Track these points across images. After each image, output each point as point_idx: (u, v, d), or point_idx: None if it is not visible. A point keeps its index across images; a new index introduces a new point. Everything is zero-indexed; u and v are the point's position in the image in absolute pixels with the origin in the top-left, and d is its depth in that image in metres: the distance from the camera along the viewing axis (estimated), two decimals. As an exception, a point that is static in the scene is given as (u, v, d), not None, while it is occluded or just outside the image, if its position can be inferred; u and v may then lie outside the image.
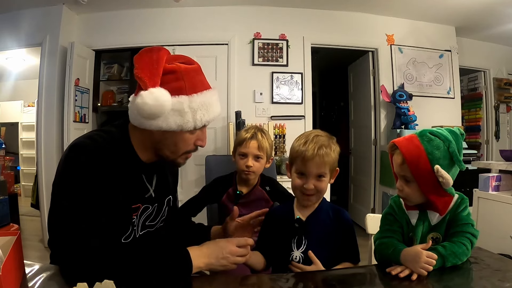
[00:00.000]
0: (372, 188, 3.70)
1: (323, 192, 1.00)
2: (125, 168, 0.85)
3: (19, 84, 5.48)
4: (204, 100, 0.84)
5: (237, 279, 0.85)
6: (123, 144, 0.88)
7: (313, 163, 0.95)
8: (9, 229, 2.39)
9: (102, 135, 0.86)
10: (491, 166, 2.35)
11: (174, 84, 0.81)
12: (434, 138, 0.88)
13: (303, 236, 1.00)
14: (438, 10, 3.36)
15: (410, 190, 0.90)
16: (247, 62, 3.36)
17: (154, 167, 0.94)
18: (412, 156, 0.87)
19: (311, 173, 0.96)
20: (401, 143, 0.91)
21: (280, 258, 1.01)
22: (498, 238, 1.96)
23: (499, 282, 0.77)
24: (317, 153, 0.95)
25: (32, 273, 0.78)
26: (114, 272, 0.69)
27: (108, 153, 0.82)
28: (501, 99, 4.12)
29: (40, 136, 3.16)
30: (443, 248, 0.85)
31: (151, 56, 0.80)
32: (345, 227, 1.01)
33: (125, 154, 0.86)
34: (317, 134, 1.01)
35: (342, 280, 0.83)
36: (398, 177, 0.94)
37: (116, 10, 3.37)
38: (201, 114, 0.83)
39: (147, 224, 0.94)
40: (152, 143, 0.88)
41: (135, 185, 0.89)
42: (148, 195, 0.93)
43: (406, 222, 0.97)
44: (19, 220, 3.10)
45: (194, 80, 0.84)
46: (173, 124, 0.82)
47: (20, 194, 5.29)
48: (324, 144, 0.97)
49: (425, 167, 0.86)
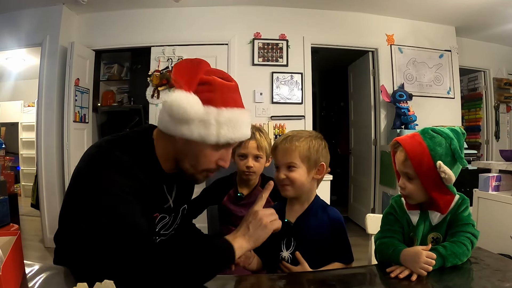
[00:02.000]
0: (372, 188, 3.70)
1: (300, 185, 0.99)
2: (147, 177, 0.83)
3: (19, 84, 5.48)
4: (233, 117, 0.81)
5: (237, 279, 0.85)
6: (147, 153, 0.86)
7: (279, 152, 0.99)
8: (9, 229, 2.39)
9: (126, 141, 0.85)
10: (491, 166, 2.35)
11: (206, 94, 0.80)
12: (436, 135, 0.90)
13: (292, 237, 1.00)
14: (438, 10, 3.36)
15: (412, 188, 0.91)
16: (247, 62, 3.36)
17: (175, 177, 0.92)
18: (415, 152, 0.88)
19: (279, 162, 0.99)
20: (404, 140, 0.92)
21: (270, 257, 1.02)
22: (498, 238, 1.96)
23: (499, 282, 0.77)
24: (282, 142, 0.99)
25: (32, 273, 0.78)
26: (162, 274, 0.69)
27: (132, 160, 0.80)
28: (501, 99, 4.12)
29: (40, 136, 3.16)
30: (444, 248, 0.85)
31: (192, 64, 0.82)
32: (335, 228, 1.00)
33: (148, 163, 0.84)
34: (298, 131, 1.04)
35: (342, 280, 0.83)
36: (400, 174, 0.94)
37: (116, 10, 3.37)
38: (226, 129, 0.80)
39: (161, 232, 0.93)
40: (174, 152, 0.86)
41: (156, 195, 0.88)
42: (167, 205, 0.92)
43: (407, 222, 0.97)
44: (19, 220, 3.10)
45: (227, 96, 0.82)
46: (196, 134, 0.79)
47: (20, 194, 5.29)
48: (295, 136, 0.99)
49: (427, 163, 0.87)
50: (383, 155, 3.48)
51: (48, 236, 3.09)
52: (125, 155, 0.79)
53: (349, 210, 4.34)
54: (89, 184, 0.76)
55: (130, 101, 3.73)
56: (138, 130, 0.92)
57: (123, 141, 0.85)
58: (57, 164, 3.15)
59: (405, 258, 0.83)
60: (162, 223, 0.92)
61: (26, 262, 0.79)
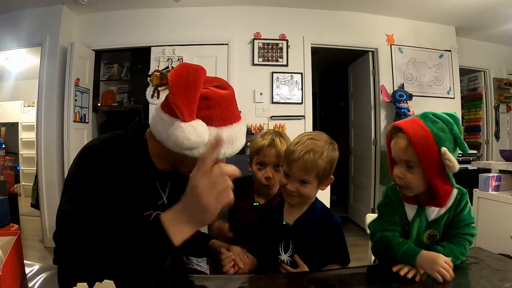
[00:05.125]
0: (372, 188, 3.70)
1: (307, 197, 0.98)
2: (139, 175, 0.83)
3: (19, 84, 5.48)
4: (232, 134, 0.81)
5: (237, 279, 0.85)
6: (139, 150, 0.86)
7: (297, 166, 0.92)
8: (9, 229, 2.38)
9: (117, 139, 0.85)
10: (491, 166, 2.35)
11: (205, 112, 0.78)
12: (438, 120, 0.84)
13: (290, 240, 0.99)
14: (438, 10, 3.36)
15: (412, 177, 0.85)
16: (247, 62, 3.36)
17: (169, 174, 0.92)
18: (419, 138, 0.81)
19: (294, 175, 0.94)
20: (405, 125, 0.84)
21: (268, 260, 1.01)
22: (498, 238, 1.96)
23: (499, 282, 0.77)
24: (302, 157, 0.91)
25: (32, 273, 0.78)
26: (108, 269, 0.64)
27: (122, 158, 0.81)
28: (501, 99, 4.12)
29: (40, 136, 3.16)
30: (442, 248, 0.85)
31: (188, 78, 0.75)
32: (332, 230, 0.99)
33: (140, 161, 0.85)
34: (313, 137, 0.96)
35: (342, 280, 0.83)
36: (398, 162, 0.88)
37: (116, 10, 3.37)
38: (225, 148, 0.81)
39: None
40: (171, 159, 0.86)
41: (148, 192, 0.88)
42: (161, 202, 0.92)
43: (404, 213, 0.93)
44: (19, 220, 3.10)
45: (226, 112, 0.81)
46: (196, 154, 0.79)
47: (20, 194, 5.29)
48: (314, 149, 0.92)
49: (432, 149, 0.81)
50: (383, 155, 3.48)
51: (48, 236, 3.09)
52: (115, 153, 0.80)
53: (349, 210, 4.34)
54: (73, 182, 0.77)
55: (130, 101, 3.73)
56: (131, 129, 0.92)
57: (114, 140, 0.85)
58: (57, 164, 3.16)
59: (423, 260, 0.80)
60: None
61: (26, 262, 0.80)
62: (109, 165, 0.78)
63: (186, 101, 0.74)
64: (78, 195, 0.75)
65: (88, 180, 0.76)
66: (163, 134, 0.80)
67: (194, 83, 0.75)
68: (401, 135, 0.85)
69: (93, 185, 0.75)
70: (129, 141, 0.86)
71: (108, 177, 0.77)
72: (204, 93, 0.78)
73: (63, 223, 0.75)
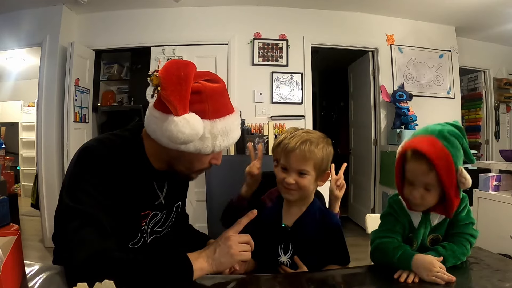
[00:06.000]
0: (372, 188, 3.70)
1: (306, 191, 0.97)
2: (136, 175, 0.84)
3: (19, 84, 5.48)
4: (226, 126, 0.82)
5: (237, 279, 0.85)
6: (136, 150, 0.87)
7: (294, 155, 0.93)
8: (9, 229, 2.38)
9: (115, 139, 0.85)
10: (491, 166, 2.35)
11: (198, 106, 0.78)
12: (453, 139, 0.83)
13: (290, 242, 0.99)
14: (438, 10, 3.36)
15: (432, 199, 0.84)
16: (247, 62, 3.36)
17: (166, 174, 0.92)
18: (443, 162, 0.80)
19: (292, 166, 0.94)
20: (427, 149, 0.81)
21: (267, 262, 1.00)
22: (498, 238, 1.96)
23: (499, 282, 0.77)
24: (299, 147, 0.93)
25: (32, 273, 0.78)
26: (114, 274, 0.68)
27: (119, 158, 0.81)
28: (501, 99, 4.12)
29: (40, 136, 3.16)
30: (443, 249, 0.85)
31: (179, 74, 0.76)
32: (332, 231, 0.99)
33: (137, 161, 0.85)
34: (307, 131, 0.99)
35: (342, 280, 0.83)
36: (414, 185, 0.85)
37: (116, 10, 3.37)
38: (221, 140, 0.81)
39: (155, 230, 0.94)
40: (167, 157, 0.87)
41: (146, 192, 0.89)
42: (158, 202, 0.93)
43: (408, 223, 0.93)
44: (19, 220, 3.10)
45: (218, 104, 0.82)
46: (191, 148, 0.79)
47: (20, 194, 5.29)
48: (310, 140, 0.94)
49: (453, 171, 0.81)
50: (383, 155, 3.48)
51: (48, 236, 3.08)
52: (111, 153, 0.81)
53: (349, 210, 4.34)
54: (71, 183, 0.78)
55: (130, 101, 3.73)
56: (127, 128, 0.93)
57: (111, 140, 0.85)
58: (57, 164, 3.15)
59: (417, 264, 0.79)
60: (155, 220, 0.93)
61: (26, 262, 0.79)
62: (106, 165, 0.79)
63: (178, 95, 0.75)
64: (76, 196, 0.75)
65: (86, 180, 0.76)
66: (157, 132, 0.80)
67: (185, 78, 0.76)
68: (423, 160, 0.81)
69: (91, 185, 0.76)
70: (126, 141, 0.87)
71: (106, 177, 0.78)
72: (196, 87, 0.78)
73: (61, 224, 0.76)
